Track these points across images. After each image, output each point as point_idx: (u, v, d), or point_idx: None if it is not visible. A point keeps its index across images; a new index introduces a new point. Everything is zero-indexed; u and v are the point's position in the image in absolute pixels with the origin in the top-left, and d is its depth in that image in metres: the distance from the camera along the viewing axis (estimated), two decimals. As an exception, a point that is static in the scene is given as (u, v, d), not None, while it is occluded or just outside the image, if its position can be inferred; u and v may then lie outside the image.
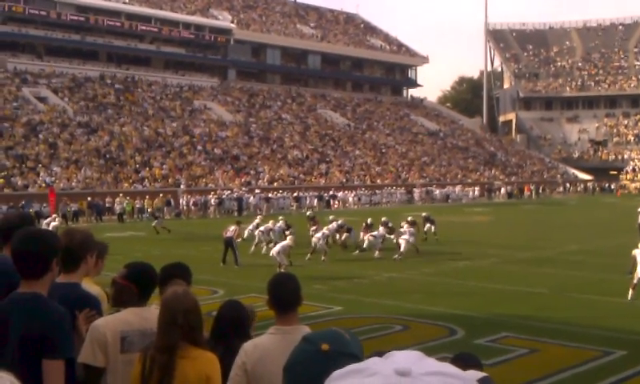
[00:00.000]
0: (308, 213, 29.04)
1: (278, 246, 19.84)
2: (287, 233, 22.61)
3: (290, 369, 1.67)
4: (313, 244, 22.60)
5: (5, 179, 43.24)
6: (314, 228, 24.11)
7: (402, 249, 22.48)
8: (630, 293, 14.99)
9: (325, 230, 23.78)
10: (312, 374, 1.65)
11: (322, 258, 22.09)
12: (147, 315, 4.07)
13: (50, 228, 23.61)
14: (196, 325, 3.63)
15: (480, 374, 2.87)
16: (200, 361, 3.58)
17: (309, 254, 22.17)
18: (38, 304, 3.41)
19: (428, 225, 27.74)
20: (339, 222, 26.10)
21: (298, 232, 23.50)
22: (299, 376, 1.65)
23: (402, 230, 23.55)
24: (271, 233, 24.28)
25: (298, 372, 1.65)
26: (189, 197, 46.63)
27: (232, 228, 21.88)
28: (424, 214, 28.66)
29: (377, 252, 23.13)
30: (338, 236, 25.54)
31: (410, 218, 24.77)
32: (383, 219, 24.99)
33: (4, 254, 4.00)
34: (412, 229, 23.54)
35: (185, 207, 46.09)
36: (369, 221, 24.95)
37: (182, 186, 48.52)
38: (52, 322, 3.38)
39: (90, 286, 4.45)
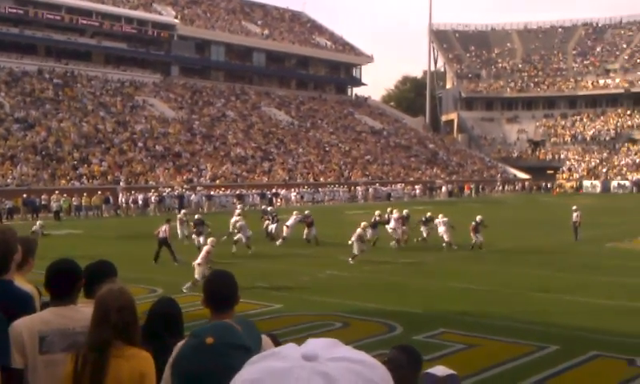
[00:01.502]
0: (306, 212, 28.83)
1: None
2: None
3: (175, 364, 1.63)
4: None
5: None
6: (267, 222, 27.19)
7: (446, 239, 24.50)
8: None
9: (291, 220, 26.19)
10: (197, 368, 1.61)
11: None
12: (69, 314, 3.94)
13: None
14: (130, 322, 3.53)
15: (448, 371, 2.83)
16: (134, 359, 3.49)
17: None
18: None
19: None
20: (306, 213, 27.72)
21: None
22: (185, 370, 1.62)
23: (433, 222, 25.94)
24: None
25: (184, 366, 1.63)
26: (128, 194, 45.82)
27: (163, 227, 21.69)
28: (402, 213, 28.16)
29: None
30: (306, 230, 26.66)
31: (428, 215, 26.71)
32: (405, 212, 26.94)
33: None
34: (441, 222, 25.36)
35: (124, 205, 45.26)
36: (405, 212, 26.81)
37: (121, 184, 47.64)
38: None
39: (22, 284, 4.33)
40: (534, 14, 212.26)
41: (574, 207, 27.58)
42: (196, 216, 25.07)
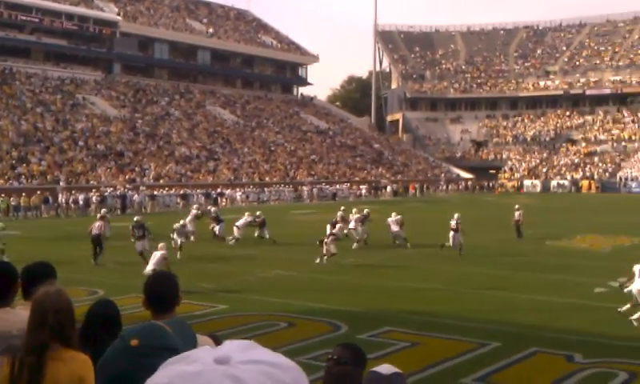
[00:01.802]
0: (257, 212, 28.64)
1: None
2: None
3: (100, 367, 1.61)
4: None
5: None
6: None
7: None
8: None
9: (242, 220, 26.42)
10: (121, 370, 1.61)
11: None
12: (5, 317, 3.87)
13: None
14: (67, 325, 3.47)
15: (393, 369, 2.83)
16: (72, 362, 3.43)
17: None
18: None
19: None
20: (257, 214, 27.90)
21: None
22: (109, 372, 1.59)
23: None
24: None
25: (108, 369, 1.60)
26: (69, 194, 44.81)
27: (97, 224, 21.42)
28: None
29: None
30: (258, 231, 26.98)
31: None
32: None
33: None
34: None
35: (64, 205, 44.24)
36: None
37: (61, 183, 46.54)
38: None
39: None
40: (476, 16, 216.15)
41: (517, 206, 28.11)
42: (135, 218, 21.83)
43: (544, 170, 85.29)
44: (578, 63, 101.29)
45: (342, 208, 27.94)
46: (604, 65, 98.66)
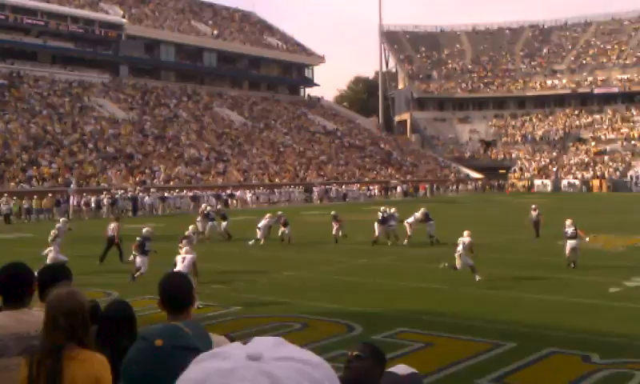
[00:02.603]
0: (332, 212, 28.51)
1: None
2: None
3: (126, 368, 1.63)
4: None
5: None
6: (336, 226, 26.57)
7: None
8: None
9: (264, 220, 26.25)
10: (147, 371, 1.64)
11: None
12: (24, 318, 3.91)
13: None
14: (78, 326, 3.49)
15: (409, 369, 2.82)
16: (89, 362, 3.47)
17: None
18: None
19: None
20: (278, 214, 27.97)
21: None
22: (135, 374, 1.61)
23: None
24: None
25: (134, 370, 1.62)
26: (80, 197, 44.97)
27: (112, 225, 21.61)
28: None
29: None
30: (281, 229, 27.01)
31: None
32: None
33: None
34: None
35: (76, 207, 44.40)
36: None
37: (72, 186, 46.70)
38: None
39: None
40: (480, 15, 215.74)
41: (533, 206, 28.14)
42: (144, 230, 19.10)
43: (554, 169, 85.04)
44: (584, 62, 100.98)
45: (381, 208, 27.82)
46: (611, 63, 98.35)
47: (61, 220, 23.72)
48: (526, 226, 28.14)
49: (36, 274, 4.31)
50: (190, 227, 21.10)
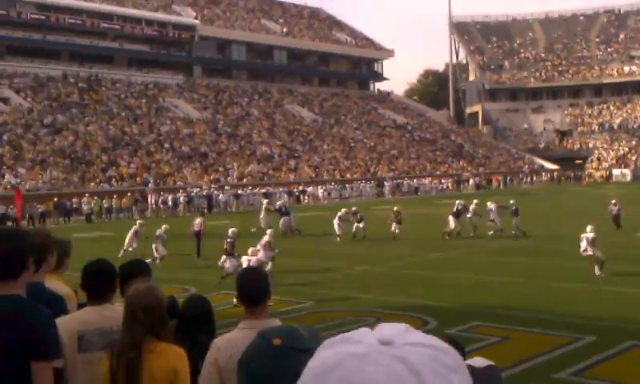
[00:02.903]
0: (353, 208, 28.50)
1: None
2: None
3: (243, 363, 1.70)
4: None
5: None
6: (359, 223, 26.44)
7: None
8: None
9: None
10: (265, 369, 1.68)
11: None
12: (107, 313, 4.04)
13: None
14: (156, 321, 3.61)
15: (486, 361, 2.86)
16: (166, 355, 3.59)
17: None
18: (22, 306, 3.33)
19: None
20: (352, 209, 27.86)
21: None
22: (253, 371, 1.68)
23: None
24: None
25: (252, 367, 1.70)
26: (158, 195, 46.20)
27: (197, 221, 22.68)
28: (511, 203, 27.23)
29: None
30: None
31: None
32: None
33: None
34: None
35: (154, 206, 45.64)
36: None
37: (150, 185, 48.02)
38: (39, 324, 3.31)
39: (59, 286, 4.40)
40: (553, 3, 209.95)
41: (613, 201, 27.46)
42: (231, 231, 18.43)
43: (633, 158, 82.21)
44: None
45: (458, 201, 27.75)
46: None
47: (138, 222, 24.47)
48: (605, 218, 27.40)
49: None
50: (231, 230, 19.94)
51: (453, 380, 0.85)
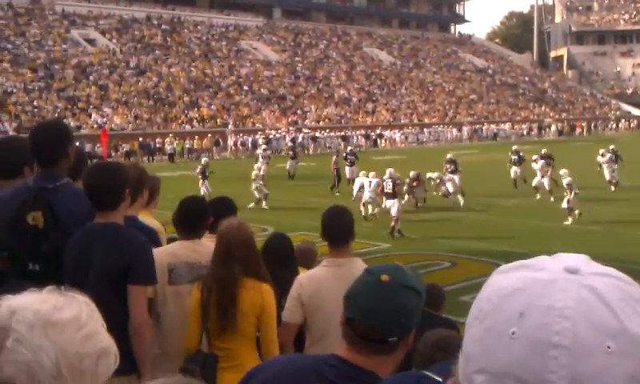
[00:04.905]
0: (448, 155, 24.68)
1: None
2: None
3: (351, 297, 1.82)
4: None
5: (58, 121, 44.12)
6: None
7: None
8: None
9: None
10: (372, 302, 1.80)
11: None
12: (196, 248, 4.17)
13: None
14: (251, 256, 3.76)
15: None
16: (255, 290, 3.72)
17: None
18: (120, 233, 3.59)
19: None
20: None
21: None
22: (360, 304, 1.80)
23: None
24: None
25: (360, 300, 1.81)
26: (237, 137, 46.99)
27: (334, 159, 25.17)
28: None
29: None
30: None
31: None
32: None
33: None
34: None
35: (233, 147, 46.50)
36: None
37: (229, 127, 48.85)
38: (136, 250, 3.56)
39: (149, 220, 4.57)
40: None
41: None
42: (390, 171, 17.72)
43: None
44: None
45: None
46: None
47: (203, 160, 24.61)
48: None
49: None
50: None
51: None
